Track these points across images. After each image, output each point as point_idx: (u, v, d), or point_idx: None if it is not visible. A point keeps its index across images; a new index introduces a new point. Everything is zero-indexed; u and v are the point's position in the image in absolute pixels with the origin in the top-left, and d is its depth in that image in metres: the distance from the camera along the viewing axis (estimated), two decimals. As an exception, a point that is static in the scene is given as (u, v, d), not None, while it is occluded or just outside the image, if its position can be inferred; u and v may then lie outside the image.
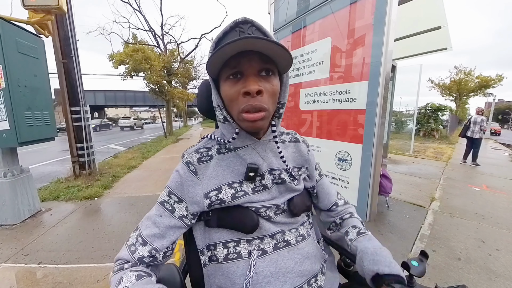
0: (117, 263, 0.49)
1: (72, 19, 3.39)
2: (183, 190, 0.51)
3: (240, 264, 0.49)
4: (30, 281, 1.45)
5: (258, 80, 0.44)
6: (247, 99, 0.44)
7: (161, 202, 0.52)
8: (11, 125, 1.99)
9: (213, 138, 0.56)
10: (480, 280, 1.50)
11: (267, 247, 0.51)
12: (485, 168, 4.88)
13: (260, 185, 0.52)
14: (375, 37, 1.50)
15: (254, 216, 0.51)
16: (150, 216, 0.52)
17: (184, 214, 0.51)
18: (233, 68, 0.44)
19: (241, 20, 0.45)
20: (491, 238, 2.02)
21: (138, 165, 4.81)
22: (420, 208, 2.65)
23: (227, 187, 0.50)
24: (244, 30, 0.44)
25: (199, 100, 0.62)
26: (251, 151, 0.52)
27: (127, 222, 2.26)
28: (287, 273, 0.50)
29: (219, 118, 0.52)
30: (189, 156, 0.53)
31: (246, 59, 0.43)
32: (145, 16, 11.03)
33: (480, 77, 17.35)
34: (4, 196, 2.15)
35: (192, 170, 0.51)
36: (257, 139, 0.53)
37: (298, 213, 0.56)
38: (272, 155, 0.54)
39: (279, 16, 2.47)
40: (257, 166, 0.51)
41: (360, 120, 1.60)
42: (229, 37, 0.44)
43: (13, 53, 1.99)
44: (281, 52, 0.42)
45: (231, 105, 0.47)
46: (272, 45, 0.40)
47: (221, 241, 0.51)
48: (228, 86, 0.45)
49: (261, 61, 0.44)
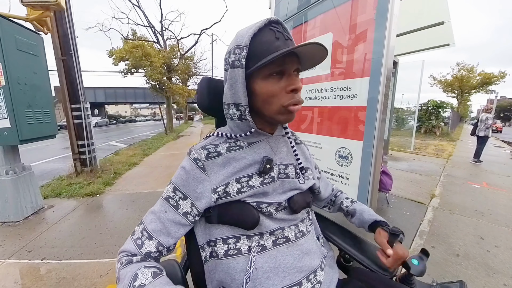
0: (123, 254, 0.49)
1: (71, 16, 3.36)
2: (189, 186, 0.51)
3: (240, 260, 0.50)
4: (34, 276, 1.47)
5: (297, 77, 0.51)
6: (292, 95, 0.49)
7: (166, 198, 0.52)
8: (12, 123, 2.00)
9: (221, 136, 0.56)
10: (478, 276, 1.51)
11: (267, 243, 0.52)
12: (486, 166, 4.88)
13: (269, 177, 0.54)
14: (377, 33, 1.48)
15: (255, 212, 0.51)
16: (154, 211, 0.52)
17: (188, 211, 0.51)
18: (278, 66, 0.48)
19: (274, 19, 0.48)
20: (490, 235, 2.03)
21: (139, 162, 4.82)
22: (420, 204, 2.66)
23: (235, 181, 0.51)
24: (279, 29, 0.48)
25: (200, 97, 0.61)
26: (265, 145, 0.56)
27: (129, 218, 2.28)
28: (286, 269, 0.51)
29: (232, 116, 0.53)
30: (197, 152, 0.53)
31: (289, 60, 0.48)
32: (144, 11, 10.92)
33: (482, 74, 17.17)
34: (7, 193, 2.16)
35: (200, 167, 0.51)
36: (270, 134, 0.57)
37: (298, 210, 0.56)
38: (283, 149, 0.58)
39: (280, 11, 2.44)
40: (272, 158, 0.54)
41: (361, 116, 1.60)
42: (264, 34, 0.47)
43: (13, 50, 1.98)
44: (321, 57, 0.50)
45: (271, 100, 0.49)
46: (318, 49, 0.47)
47: (221, 237, 0.52)
48: (270, 83, 0.48)
49: (297, 63, 0.50)
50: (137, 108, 62.38)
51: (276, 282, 0.49)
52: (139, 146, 7.15)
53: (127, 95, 28.73)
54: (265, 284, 0.49)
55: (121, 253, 0.50)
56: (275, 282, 0.49)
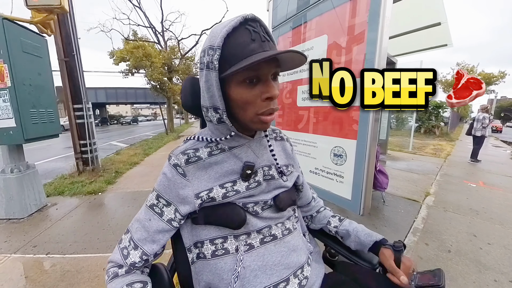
0: (110, 265, 0.50)
1: (74, 18, 3.43)
2: (171, 193, 0.51)
3: (228, 259, 0.50)
4: (39, 269, 1.53)
5: (274, 84, 0.46)
6: (267, 103, 0.46)
7: (150, 206, 0.52)
8: (17, 123, 2.06)
9: (201, 140, 0.54)
10: (468, 272, 1.55)
11: (254, 242, 0.52)
12: (484, 165, 4.90)
13: (254, 182, 0.53)
14: (370, 35, 1.53)
15: (241, 212, 0.51)
16: (139, 219, 0.52)
17: (172, 217, 0.50)
18: (252, 71, 0.44)
19: (250, 17, 0.43)
20: (484, 232, 2.07)
21: (140, 161, 4.89)
22: (414, 202, 2.70)
23: (219, 187, 0.51)
24: (255, 28, 0.43)
25: (184, 96, 0.60)
26: (246, 150, 0.54)
27: (130, 215, 2.34)
28: (274, 266, 0.51)
29: (211, 119, 0.50)
30: (176, 158, 0.51)
31: (266, 65, 0.44)
32: (145, 12, 11.00)
33: (482, 74, 17.15)
34: (12, 191, 2.22)
35: (180, 173, 0.50)
36: (251, 138, 0.54)
37: (284, 208, 0.57)
38: (265, 151, 0.57)
39: (278, 13, 2.49)
40: (253, 164, 0.53)
41: (355, 116, 1.64)
42: (240, 33, 0.42)
43: (18, 52, 2.04)
44: (301, 60, 0.47)
45: (246, 107, 0.46)
46: (297, 55, 0.45)
47: (208, 237, 0.52)
48: (244, 89, 0.45)
49: (275, 67, 0.46)
50: (138, 108, 62.61)
51: (264, 279, 0.50)
52: (140, 146, 7.21)
53: (128, 95, 28.82)
54: (253, 282, 0.49)
55: (109, 263, 0.51)
56: (263, 280, 0.50)
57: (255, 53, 0.42)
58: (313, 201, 0.73)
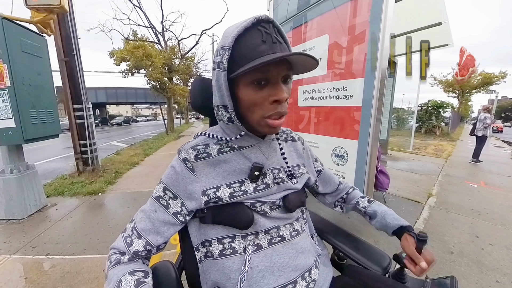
0: (113, 252, 0.50)
1: (74, 18, 3.42)
2: (179, 186, 0.51)
3: (235, 259, 0.50)
4: (39, 271, 1.52)
5: (283, 87, 0.46)
6: (275, 106, 0.45)
7: (156, 197, 0.52)
8: (17, 123, 2.05)
9: (212, 137, 0.54)
10: (471, 273, 1.54)
11: (262, 243, 0.52)
12: (485, 166, 4.89)
13: (262, 184, 0.53)
14: (371, 34, 1.52)
15: (249, 212, 0.51)
16: (145, 210, 0.53)
17: (178, 210, 0.51)
18: (261, 73, 0.43)
19: (263, 18, 0.43)
20: (485, 233, 2.06)
21: (140, 162, 4.87)
22: (416, 203, 2.69)
23: (226, 186, 0.51)
24: (268, 30, 0.43)
25: (193, 96, 0.61)
26: (256, 151, 0.54)
27: (131, 216, 2.27)
28: (281, 268, 0.51)
29: (222, 118, 0.50)
30: (186, 153, 0.51)
31: (275, 67, 0.43)
32: (145, 12, 11.00)
33: (483, 74, 17.12)
34: (11, 191, 2.21)
35: (189, 168, 0.50)
36: (261, 139, 0.54)
37: (293, 209, 0.56)
38: (275, 154, 0.56)
39: (278, 13, 2.48)
40: (262, 165, 0.52)
41: (356, 116, 1.64)
42: (251, 35, 0.42)
43: (18, 52, 2.03)
44: (313, 64, 0.45)
45: (253, 109, 0.46)
46: (309, 58, 0.43)
47: (216, 237, 0.52)
48: (252, 91, 0.44)
49: (286, 69, 0.45)
50: (138, 108, 62.67)
51: (272, 281, 0.49)
52: (140, 146, 7.20)
53: (128, 95, 28.83)
54: (261, 283, 0.49)
55: (112, 249, 0.51)
56: (271, 281, 0.49)
57: (264, 54, 0.42)
58: (341, 185, 0.75)
